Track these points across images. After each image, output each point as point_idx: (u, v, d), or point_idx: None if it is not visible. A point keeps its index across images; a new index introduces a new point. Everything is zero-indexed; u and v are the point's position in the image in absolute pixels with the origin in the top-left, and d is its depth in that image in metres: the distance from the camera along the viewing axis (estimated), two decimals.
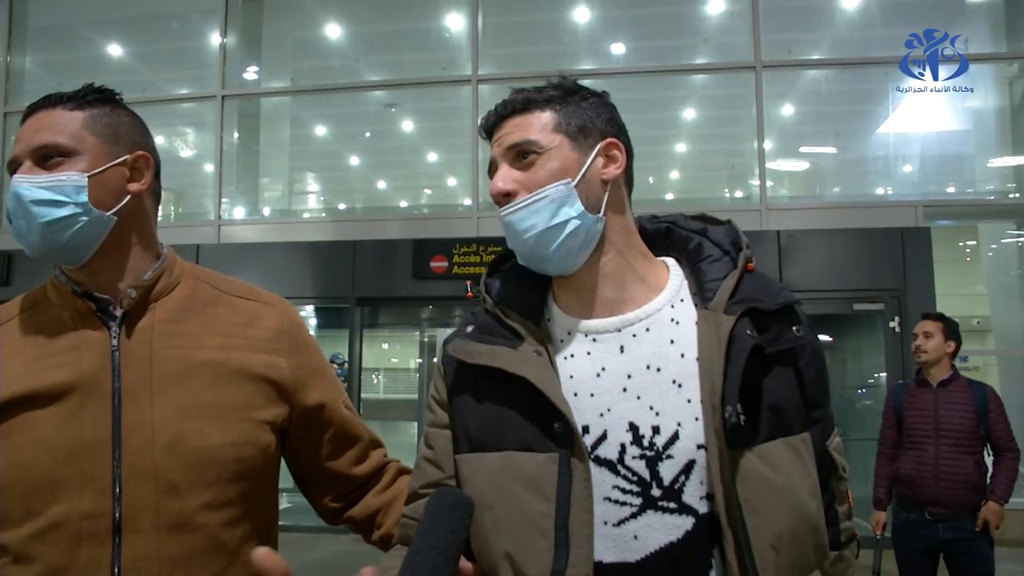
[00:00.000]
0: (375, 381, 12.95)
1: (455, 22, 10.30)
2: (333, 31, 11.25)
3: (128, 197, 1.37)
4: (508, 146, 1.22)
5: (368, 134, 13.00)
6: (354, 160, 13.57)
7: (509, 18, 10.47)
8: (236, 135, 10.41)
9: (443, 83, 10.29)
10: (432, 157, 13.07)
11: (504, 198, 1.20)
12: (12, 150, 1.33)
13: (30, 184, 1.28)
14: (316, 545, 7.57)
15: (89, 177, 1.31)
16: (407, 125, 12.26)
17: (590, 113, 1.24)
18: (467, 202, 9.55)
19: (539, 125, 1.21)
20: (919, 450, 4.05)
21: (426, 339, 10.51)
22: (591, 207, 1.20)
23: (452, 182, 12.56)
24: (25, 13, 10.82)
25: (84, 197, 1.30)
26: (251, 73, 10.69)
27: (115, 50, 11.50)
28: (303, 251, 8.93)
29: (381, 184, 13.68)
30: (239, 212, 10.27)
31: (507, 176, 1.21)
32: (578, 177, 1.19)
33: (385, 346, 13.07)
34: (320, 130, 12.77)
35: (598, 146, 1.23)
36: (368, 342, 9.31)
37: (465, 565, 1.21)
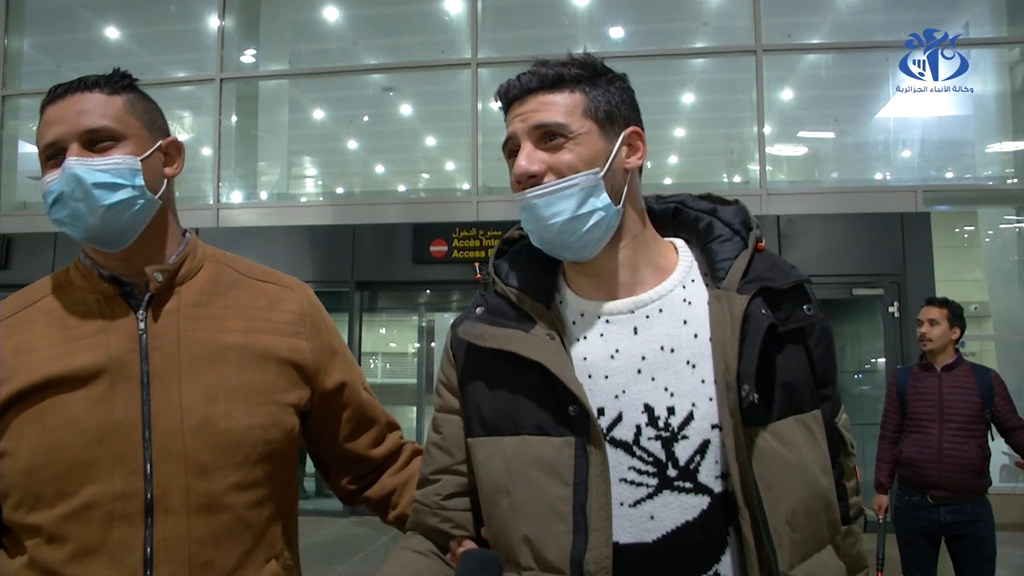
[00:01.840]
0: (373, 365, 12.97)
1: (454, 5, 10.23)
2: (331, 14, 11.18)
3: (166, 181, 1.39)
4: (535, 124, 1.18)
5: (366, 118, 12.95)
6: (352, 144, 13.51)
7: (509, 1, 10.41)
8: (234, 118, 10.37)
9: (442, 67, 10.24)
10: (431, 141, 13.02)
11: (528, 179, 1.18)
12: (48, 133, 1.30)
13: (88, 167, 1.28)
14: (317, 528, 7.62)
15: (141, 161, 1.33)
16: (406, 109, 12.22)
17: (615, 98, 1.22)
18: (466, 186, 9.52)
19: (568, 107, 1.18)
20: (922, 433, 4.06)
21: (425, 323, 10.51)
22: (614, 197, 1.19)
23: (451, 166, 12.53)
24: None
25: (140, 180, 1.32)
26: (249, 56, 10.63)
27: (112, 33, 11.43)
28: (302, 235, 8.92)
29: (379, 168, 13.65)
30: (237, 196, 10.24)
31: (533, 156, 1.18)
32: (606, 168, 1.18)
33: (383, 331, 13.06)
34: (318, 114, 12.71)
35: (622, 135, 1.21)
36: (367, 326, 9.31)
37: (486, 531, 1.23)
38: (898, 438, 4.22)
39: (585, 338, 1.22)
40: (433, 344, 10.58)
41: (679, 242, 1.30)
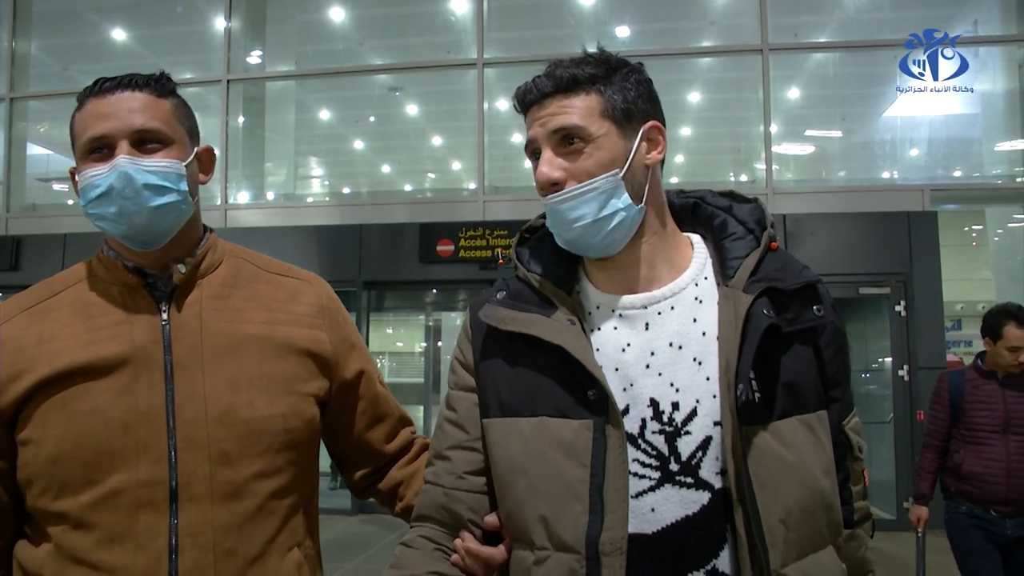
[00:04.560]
0: (380, 365, 12.99)
1: (460, 5, 10.23)
2: (337, 14, 11.19)
3: (199, 187, 1.43)
4: (553, 129, 1.20)
5: (373, 118, 12.96)
6: (359, 144, 13.53)
7: (514, 1, 10.40)
8: (241, 119, 10.38)
9: (448, 67, 10.25)
10: (437, 141, 13.03)
11: (551, 186, 1.19)
12: (96, 126, 1.31)
13: (139, 167, 1.30)
14: (326, 526, 7.61)
15: (185, 166, 1.36)
16: (412, 109, 12.22)
17: (632, 94, 1.22)
18: (472, 186, 9.52)
19: (585, 109, 1.19)
20: (984, 445, 3.73)
21: (432, 323, 10.52)
22: (635, 196, 1.20)
23: (457, 166, 12.53)
24: None
25: (184, 186, 1.35)
26: (255, 57, 10.65)
27: (119, 35, 11.45)
28: (309, 235, 8.94)
29: (386, 168, 13.66)
30: (244, 196, 10.26)
31: (554, 163, 1.19)
32: (625, 167, 1.19)
33: (390, 330, 13.09)
34: (325, 114, 12.73)
35: (641, 130, 1.22)
36: (374, 326, 9.32)
37: (491, 519, 1.25)
38: (945, 447, 3.91)
39: (599, 330, 1.23)
40: (440, 343, 10.59)
41: (696, 237, 1.31)
